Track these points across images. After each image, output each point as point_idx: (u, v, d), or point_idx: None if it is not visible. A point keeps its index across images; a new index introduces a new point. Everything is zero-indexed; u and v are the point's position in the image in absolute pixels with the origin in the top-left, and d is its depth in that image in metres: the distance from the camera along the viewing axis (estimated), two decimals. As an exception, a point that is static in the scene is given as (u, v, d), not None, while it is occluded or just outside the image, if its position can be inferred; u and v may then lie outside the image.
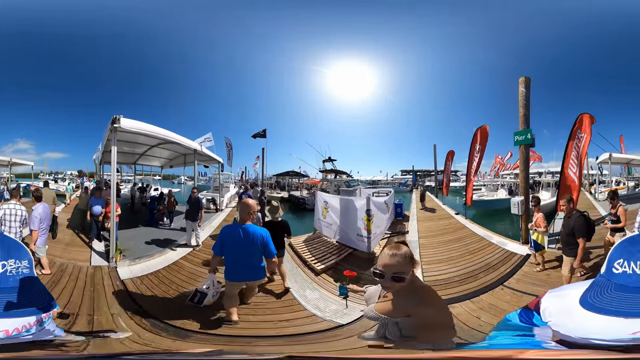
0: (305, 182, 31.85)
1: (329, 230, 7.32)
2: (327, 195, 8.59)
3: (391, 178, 53.27)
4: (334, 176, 28.82)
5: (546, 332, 1.12)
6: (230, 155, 24.64)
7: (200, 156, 10.33)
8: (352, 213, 6.43)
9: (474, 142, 9.54)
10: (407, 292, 1.61)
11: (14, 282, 1.00)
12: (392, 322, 1.71)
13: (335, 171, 29.36)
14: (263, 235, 3.28)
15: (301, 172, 33.03)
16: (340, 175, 29.79)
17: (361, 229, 6.10)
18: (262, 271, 3.45)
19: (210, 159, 11.59)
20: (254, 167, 36.09)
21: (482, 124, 9.42)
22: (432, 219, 10.54)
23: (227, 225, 3.53)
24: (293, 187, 31.86)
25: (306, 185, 30.42)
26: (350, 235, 6.47)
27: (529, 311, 1.25)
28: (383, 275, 1.57)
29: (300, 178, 32.77)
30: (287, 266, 4.85)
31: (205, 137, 17.43)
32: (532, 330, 1.18)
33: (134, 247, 6.03)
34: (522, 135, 6.03)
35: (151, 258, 5.52)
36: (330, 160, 30.12)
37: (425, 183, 43.72)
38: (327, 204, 7.52)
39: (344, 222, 6.72)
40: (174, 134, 7.58)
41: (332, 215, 7.21)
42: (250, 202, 3.40)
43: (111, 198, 5.65)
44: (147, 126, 6.24)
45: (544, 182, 17.12)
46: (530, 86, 6.67)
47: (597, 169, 18.24)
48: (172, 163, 14.32)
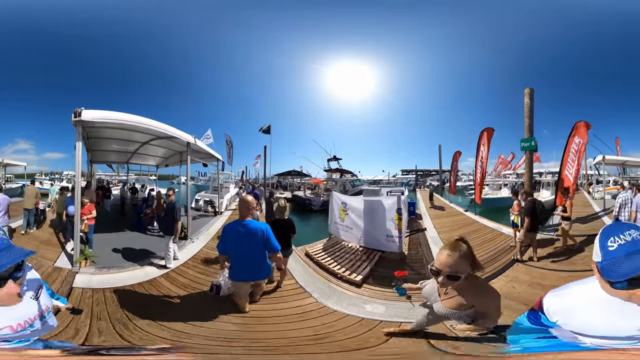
0: (309, 181, 31.49)
1: (350, 234, 7.03)
2: (346, 196, 8.26)
3: (392, 178, 54.03)
4: (339, 176, 29.03)
5: (564, 333, 1.16)
6: (231, 153, 24.06)
7: (198, 153, 9.71)
8: (379, 214, 6.41)
9: (480, 145, 10.78)
10: (469, 287, 1.77)
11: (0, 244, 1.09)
12: (459, 315, 1.89)
13: (341, 170, 29.56)
14: (263, 230, 3.32)
15: (302, 171, 33.28)
16: (345, 174, 29.95)
17: (391, 229, 6.11)
18: (268, 269, 3.51)
19: (208, 156, 10.78)
20: (255, 166, 36.12)
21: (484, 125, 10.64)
22: (443, 216, 11.76)
23: (228, 223, 3.58)
24: (295, 187, 32.11)
25: (310, 185, 30.37)
26: (378, 237, 6.37)
27: (535, 312, 1.29)
28: (439, 273, 1.67)
29: (302, 178, 32.94)
30: (307, 278, 4.77)
31: (205, 134, 17.01)
32: (548, 332, 1.21)
33: (108, 254, 5.71)
34: (528, 142, 7.27)
35: (122, 270, 4.97)
36: (335, 159, 30.15)
37: (427, 182, 44.85)
38: (346, 206, 7.24)
39: (370, 224, 6.58)
40: (154, 121, 6.41)
41: (354, 217, 6.96)
42: (249, 198, 3.45)
43: (75, 199, 5.35)
44: (116, 115, 5.60)
45: (544, 182, 18.54)
46: (534, 97, 7.89)
47: (595, 170, 19.65)
48: (168, 162, 13.80)
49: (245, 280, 3.43)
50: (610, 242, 1.03)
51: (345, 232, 7.16)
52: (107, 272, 4.85)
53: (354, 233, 6.94)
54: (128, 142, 9.74)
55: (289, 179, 34.67)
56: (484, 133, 10.51)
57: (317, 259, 5.90)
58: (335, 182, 26.02)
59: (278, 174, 34.22)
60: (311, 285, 4.53)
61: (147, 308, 3.63)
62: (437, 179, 39.39)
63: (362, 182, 31.36)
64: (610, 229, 1.07)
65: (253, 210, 3.42)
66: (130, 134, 8.40)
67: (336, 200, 7.67)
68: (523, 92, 7.74)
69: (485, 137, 10.52)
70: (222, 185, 16.47)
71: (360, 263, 5.79)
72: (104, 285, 4.29)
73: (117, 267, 5.07)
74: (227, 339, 3.03)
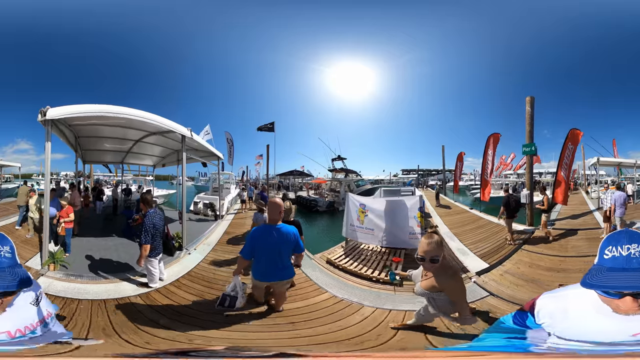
0: (312, 181, 31.95)
1: (370, 236, 7.16)
2: (363, 197, 8.38)
3: (393, 177, 54.71)
4: (344, 175, 28.43)
5: (540, 334, 1.20)
6: (232, 152, 23.68)
7: (197, 151, 9.41)
8: (402, 213, 6.72)
9: (487, 148, 11.93)
10: (442, 272, 2.28)
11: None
12: (430, 297, 2.40)
13: (346, 170, 28.82)
14: (295, 234, 3.47)
15: (304, 171, 33.28)
16: (349, 174, 29.29)
17: (414, 227, 6.42)
18: (292, 269, 3.67)
19: (208, 153, 10.14)
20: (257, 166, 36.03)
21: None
22: (451, 214, 12.91)
23: (256, 227, 3.63)
24: (297, 187, 31.93)
25: (313, 185, 30.42)
26: (401, 236, 6.63)
27: (523, 313, 1.32)
28: (424, 259, 2.16)
29: (303, 178, 33.13)
30: (344, 289, 4.72)
31: (204, 130, 16.09)
32: (524, 333, 1.25)
33: (83, 261, 5.38)
34: (529, 147, 8.42)
35: (92, 281, 4.55)
36: (340, 158, 29.47)
37: (428, 182, 45.87)
38: (365, 207, 7.34)
39: (392, 224, 6.80)
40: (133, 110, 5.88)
41: (374, 219, 7.11)
42: (279, 201, 3.52)
43: (45, 202, 5.25)
44: (87, 107, 5.27)
45: (544, 182, 19.79)
46: (534, 105, 9.01)
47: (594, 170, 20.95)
48: (165, 161, 13.46)
49: (271, 281, 3.57)
50: (608, 250, 1.05)
51: (366, 235, 7.22)
52: (73, 281, 4.49)
53: (375, 234, 7.05)
54: (121, 140, 9.44)
55: (290, 179, 34.13)
56: (490, 138, 11.67)
57: (343, 266, 5.89)
58: (339, 182, 25.70)
59: (279, 174, 33.39)
60: (355, 295, 4.44)
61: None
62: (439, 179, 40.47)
63: (366, 182, 31.40)
64: (616, 237, 1.07)
65: (283, 214, 3.51)
66: (122, 132, 8.19)
67: (353, 202, 7.60)
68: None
69: (492, 142, 11.68)
70: (222, 186, 15.88)
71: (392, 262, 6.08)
72: (64, 293, 3.98)
73: (88, 277, 4.66)
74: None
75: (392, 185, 42.52)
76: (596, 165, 13.57)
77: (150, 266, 4.42)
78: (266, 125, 21.59)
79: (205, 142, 9.48)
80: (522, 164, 22.87)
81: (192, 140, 7.55)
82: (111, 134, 8.60)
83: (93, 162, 13.84)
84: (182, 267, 5.35)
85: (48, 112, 4.73)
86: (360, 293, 4.57)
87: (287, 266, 3.55)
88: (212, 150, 9.83)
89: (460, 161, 19.30)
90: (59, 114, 4.89)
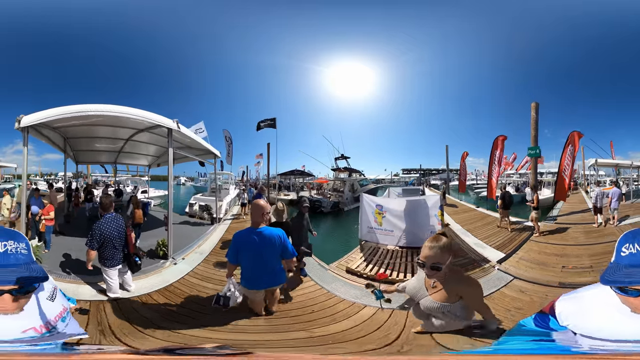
0: (314, 181, 31.48)
1: (390, 237, 7.21)
2: (380, 198, 8.38)
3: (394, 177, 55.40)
4: (348, 175, 28.17)
5: (568, 336, 1.21)
6: (230, 151, 22.83)
7: (190, 149, 9.11)
8: (422, 212, 7.01)
9: (494, 149, 13.04)
10: (455, 278, 2.11)
11: (14, 260, 1.11)
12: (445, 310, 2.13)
13: (350, 169, 28.35)
14: (280, 236, 3.32)
15: (304, 170, 32.51)
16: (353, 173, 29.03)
17: (434, 224, 6.72)
18: (283, 274, 3.55)
19: (203, 151, 9.74)
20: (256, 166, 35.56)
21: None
22: (459, 212, 13.96)
23: (239, 231, 3.49)
24: (298, 188, 31.23)
25: (316, 185, 29.76)
26: (420, 235, 6.81)
27: (544, 315, 1.35)
28: (424, 265, 2.02)
29: (304, 177, 32.73)
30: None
31: (196, 127, 15.06)
32: (550, 335, 1.27)
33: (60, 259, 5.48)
34: (533, 150, 9.51)
35: (58, 280, 4.44)
36: (343, 157, 29.01)
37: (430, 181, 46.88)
38: (382, 209, 7.38)
39: (412, 224, 6.98)
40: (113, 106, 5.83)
41: (393, 219, 7.19)
42: (262, 202, 3.40)
43: (22, 203, 5.48)
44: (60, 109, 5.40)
45: (545, 181, 20.98)
46: (539, 111, 10.09)
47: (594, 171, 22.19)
48: (159, 161, 13.36)
49: (261, 288, 3.49)
50: (625, 247, 1.08)
51: (384, 236, 7.27)
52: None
53: (394, 235, 7.15)
54: (111, 140, 9.50)
55: (291, 179, 33.52)
56: (497, 140, 12.78)
57: (368, 274, 5.64)
58: (343, 181, 25.53)
59: (280, 174, 32.37)
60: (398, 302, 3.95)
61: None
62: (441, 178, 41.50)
63: (369, 181, 31.53)
64: (632, 234, 1.10)
65: (267, 216, 3.40)
66: (110, 131, 8.25)
67: (368, 204, 7.59)
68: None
69: (499, 144, 12.79)
70: (221, 187, 15.70)
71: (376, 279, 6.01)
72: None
73: (56, 274, 4.74)
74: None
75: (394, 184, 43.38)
76: (595, 166, 14.74)
77: (106, 275, 4.16)
78: (266, 121, 19.53)
79: (199, 138, 9.14)
80: (524, 163, 24.04)
81: (184, 136, 7.31)
82: (100, 134, 8.66)
83: (87, 163, 14.00)
84: (160, 280, 4.89)
85: (22, 120, 5.01)
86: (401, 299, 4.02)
87: (275, 272, 3.44)
88: (207, 147, 9.46)
89: (464, 160, 20.43)
90: (32, 120, 5.15)
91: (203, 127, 15.16)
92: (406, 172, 58.75)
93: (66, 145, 9.66)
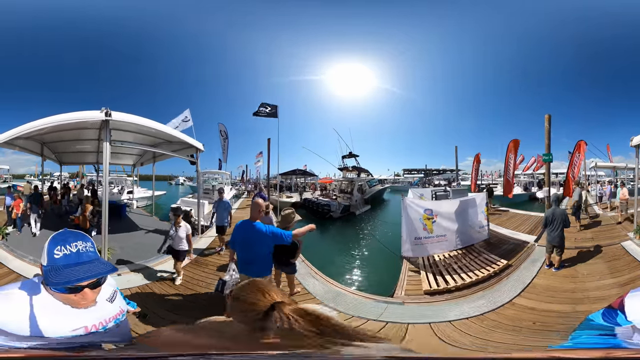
0: (318, 181, 31.86)
1: (445, 243, 7.24)
2: (428, 202, 8.30)
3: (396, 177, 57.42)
4: (357, 175, 27.18)
5: (627, 331, 1.28)
6: (226, 146, 22.29)
7: (171, 144, 9.01)
8: (471, 210, 7.58)
9: (509, 152, 16.10)
10: None
11: (87, 258, 1.29)
12: None
13: (359, 169, 27.55)
14: (272, 231, 3.87)
15: (307, 170, 32.90)
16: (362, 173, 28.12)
17: (482, 220, 7.49)
18: (268, 268, 4.08)
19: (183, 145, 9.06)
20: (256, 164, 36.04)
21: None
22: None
23: (240, 221, 4.08)
24: (300, 188, 31.34)
25: (321, 185, 30.14)
26: (471, 233, 7.30)
27: (612, 310, 1.41)
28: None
29: (306, 177, 33.27)
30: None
31: (182, 116, 14.23)
32: (614, 330, 1.34)
33: (22, 242, 7.02)
34: (547, 156, 12.53)
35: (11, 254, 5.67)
36: (352, 155, 27.97)
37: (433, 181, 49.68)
38: (432, 213, 7.26)
39: (464, 224, 7.29)
40: (62, 115, 6.36)
41: (445, 223, 7.30)
42: (260, 201, 4.06)
43: None
44: (19, 129, 6.53)
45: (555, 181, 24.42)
46: (551, 122, 13.11)
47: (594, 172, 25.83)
48: (142, 160, 13.91)
49: (248, 275, 3.96)
50: (58, 250, 1.26)
51: (436, 244, 7.17)
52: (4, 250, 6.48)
53: (448, 238, 7.20)
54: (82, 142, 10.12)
55: (293, 179, 33.80)
56: (511, 144, 15.87)
57: (457, 286, 5.78)
58: (351, 181, 24.95)
59: (281, 174, 31.51)
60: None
61: None
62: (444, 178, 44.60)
63: (376, 181, 31.84)
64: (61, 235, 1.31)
65: (262, 213, 4.12)
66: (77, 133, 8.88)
67: (414, 210, 7.19)
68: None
69: (512, 147, 15.88)
70: (213, 188, 15.75)
71: (483, 264, 6.78)
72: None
73: (10, 252, 6.30)
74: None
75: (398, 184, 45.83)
76: (595, 168, 18.14)
77: None
78: (267, 107, 16.35)
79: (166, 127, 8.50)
80: (531, 164, 27.49)
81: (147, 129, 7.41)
82: (69, 137, 9.42)
83: (71, 164, 15.06)
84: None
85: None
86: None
87: (262, 263, 3.98)
88: (183, 139, 8.72)
89: (478, 162, 23.57)
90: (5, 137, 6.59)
91: (189, 116, 14.14)
92: (407, 171, 61.39)
93: (44, 150, 11.03)
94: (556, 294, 5.41)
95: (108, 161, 6.71)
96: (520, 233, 10.40)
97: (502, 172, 34.32)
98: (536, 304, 5.10)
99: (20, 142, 8.98)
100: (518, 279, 6.06)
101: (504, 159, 15.45)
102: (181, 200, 13.61)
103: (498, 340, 4.11)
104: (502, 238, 9.59)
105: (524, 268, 6.63)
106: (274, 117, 16.23)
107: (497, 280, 6.15)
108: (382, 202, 29.13)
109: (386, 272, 7.50)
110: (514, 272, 6.41)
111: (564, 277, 6.08)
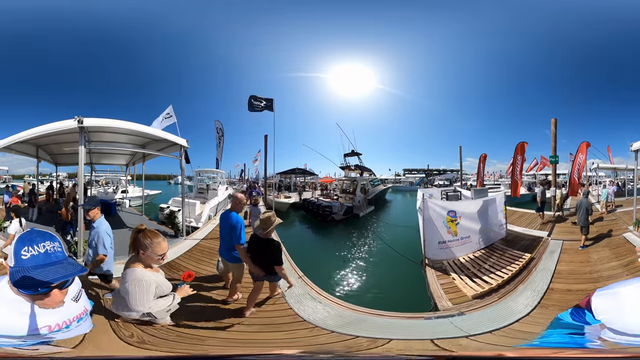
0: (319, 181, 31.45)
1: (469, 245, 7.30)
2: (450, 202, 8.37)
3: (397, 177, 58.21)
4: (359, 174, 26.30)
5: (595, 330, 1.38)
6: (221, 143, 22.42)
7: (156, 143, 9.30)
8: (492, 210, 7.90)
9: (516, 154, 17.47)
10: None
11: (55, 258, 1.33)
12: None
13: (362, 168, 26.79)
14: (233, 222, 4.63)
15: (306, 169, 32.81)
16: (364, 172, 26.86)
17: (501, 219, 7.91)
18: (233, 257, 4.72)
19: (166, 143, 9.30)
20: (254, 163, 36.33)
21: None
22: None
23: (225, 211, 4.86)
24: (300, 188, 31.13)
25: (322, 185, 30.00)
26: (492, 233, 7.55)
27: (580, 309, 1.51)
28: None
29: (306, 176, 33.45)
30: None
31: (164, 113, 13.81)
32: (583, 329, 1.44)
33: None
34: (553, 158, 13.90)
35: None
36: (354, 153, 27.57)
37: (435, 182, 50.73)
38: (456, 215, 7.32)
39: (486, 224, 7.51)
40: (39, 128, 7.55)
41: (469, 224, 7.41)
42: (240, 196, 4.97)
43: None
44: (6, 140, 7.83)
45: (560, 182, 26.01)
46: (557, 125, 14.49)
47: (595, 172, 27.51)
48: (134, 160, 14.37)
49: (223, 257, 5.06)
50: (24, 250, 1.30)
51: (463, 246, 7.23)
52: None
53: (471, 239, 7.30)
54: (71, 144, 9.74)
55: (292, 178, 33.91)
56: (518, 146, 17.26)
57: (498, 284, 6.06)
58: (353, 181, 24.34)
59: (280, 173, 30.49)
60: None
61: None
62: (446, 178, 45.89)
63: (379, 181, 30.74)
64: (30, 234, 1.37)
65: (241, 206, 4.94)
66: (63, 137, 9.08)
67: (437, 212, 7.17)
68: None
69: (519, 149, 17.27)
70: (208, 187, 15.92)
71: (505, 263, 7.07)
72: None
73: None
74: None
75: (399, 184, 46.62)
76: (596, 169, 19.71)
77: None
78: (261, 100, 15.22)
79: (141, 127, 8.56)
80: (533, 166, 29.09)
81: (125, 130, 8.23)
82: (62, 140, 9.67)
83: (65, 165, 15.50)
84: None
85: None
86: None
87: (229, 250, 4.73)
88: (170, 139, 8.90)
89: (483, 162, 24.96)
90: None
91: (171, 112, 13.79)
92: (407, 171, 62.31)
93: (39, 152, 11.78)
94: (579, 276, 6.61)
95: (83, 163, 7.69)
96: (533, 230, 11.65)
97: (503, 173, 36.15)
98: (570, 286, 6.10)
99: (15, 146, 9.50)
100: (545, 269, 6.95)
101: (508, 160, 16.76)
102: (172, 200, 13.45)
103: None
104: (518, 235, 10.63)
105: (545, 258, 7.60)
106: (270, 110, 15.30)
107: (528, 273, 6.84)
108: (385, 202, 29.19)
109: (406, 282, 7.21)
110: (539, 264, 7.31)
111: (580, 263, 7.33)
